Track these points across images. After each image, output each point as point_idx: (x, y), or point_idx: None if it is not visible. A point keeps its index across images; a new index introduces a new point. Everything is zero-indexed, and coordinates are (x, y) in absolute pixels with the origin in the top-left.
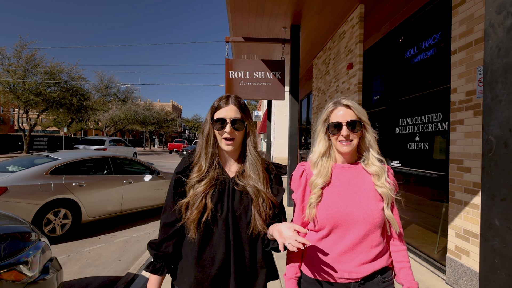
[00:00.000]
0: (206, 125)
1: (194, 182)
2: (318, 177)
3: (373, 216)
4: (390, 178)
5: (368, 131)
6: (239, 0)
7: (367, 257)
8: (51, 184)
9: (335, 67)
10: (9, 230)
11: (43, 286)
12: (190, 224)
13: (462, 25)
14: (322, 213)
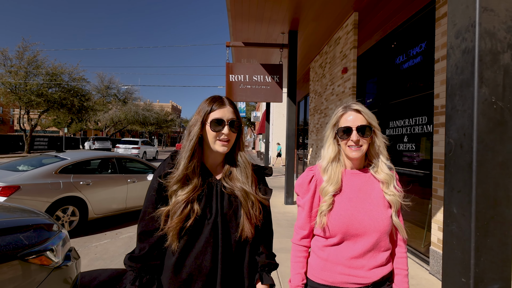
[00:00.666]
0: (195, 127)
1: (175, 187)
2: (329, 184)
3: (383, 224)
4: (398, 185)
5: (378, 136)
6: (239, 8)
7: (376, 262)
8: (60, 183)
9: (331, 70)
10: (35, 222)
11: (66, 271)
12: (170, 232)
13: (444, 36)
14: (333, 222)
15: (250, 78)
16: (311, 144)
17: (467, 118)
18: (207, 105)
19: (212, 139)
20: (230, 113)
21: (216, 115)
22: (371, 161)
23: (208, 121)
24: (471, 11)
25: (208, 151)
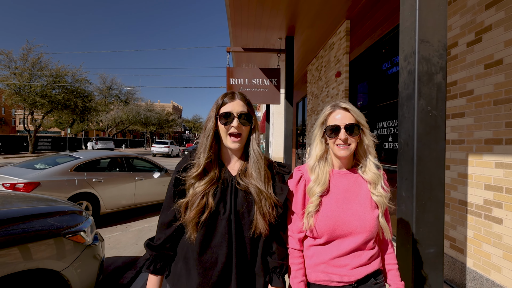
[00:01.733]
0: (209, 122)
1: (193, 181)
2: (316, 184)
3: (369, 225)
4: (385, 184)
5: (366, 135)
6: (239, 16)
7: (361, 261)
8: (75, 180)
9: (326, 74)
10: (70, 209)
11: (95, 249)
12: (189, 223)
13: None
14: (320, 223)
15: (250, 82)
16: (308, 144)
17: (410, 123)
18: (219, 99)
19: (224, 134)
20: (239, 106)
21: (225, 108)
22: (359, 161)
23: (219, 115)
24: (413, 42)
25: (223, 146)
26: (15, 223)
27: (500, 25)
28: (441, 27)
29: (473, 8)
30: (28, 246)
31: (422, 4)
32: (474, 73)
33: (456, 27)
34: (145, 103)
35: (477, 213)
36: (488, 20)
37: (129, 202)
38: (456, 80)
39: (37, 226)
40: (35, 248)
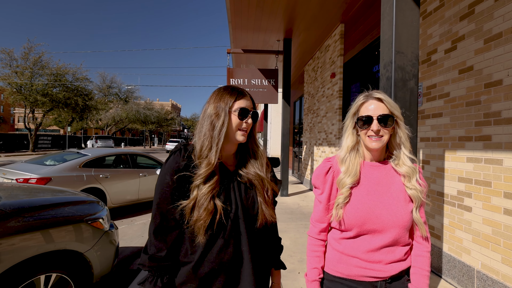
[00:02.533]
0: (221, 116)
1: (200, 180)
2: (347, 175)
3: (402, 219)
4: (421, 179)
5: (401, 127)
6: (239, 20)
7: (395, 256)
8: (83, 176)
9: (322, 74)
10: (90, 199)
11: (112, 235)
12: (200, 227)
13: None
14: (349, 215)
15: (249, 82)
16: (305, 141)
17: None
18: (229, 93)
19: (235, 128)
20: (251, 104)
21: (242, 104)
22: (391, 153)
23: (234, 109)
24: (390, 52)
25: (225, 142)
26: (45, 209)
27: (472, 35)
28: (413, 40)
29: (450, 19)
30: (57, 230)
31: (398, 20)
32: (450, 78)
33: (436, 35)
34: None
35: (452, 202)
36: (462, 31)
37: (134, 197)
38: (436, 83)
39: (64, 213)
40: (63, 232)
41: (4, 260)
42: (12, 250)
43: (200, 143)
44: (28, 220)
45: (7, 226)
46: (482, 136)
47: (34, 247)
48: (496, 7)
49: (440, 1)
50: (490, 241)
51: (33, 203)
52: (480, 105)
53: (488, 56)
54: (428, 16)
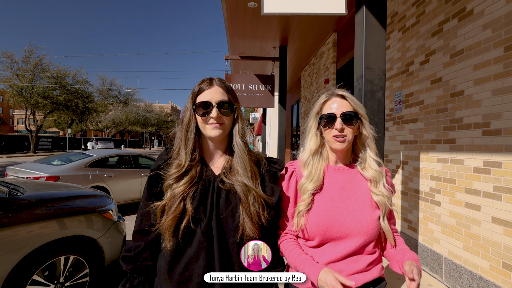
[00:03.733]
0: (186, 113)
1: (172, 180)
2: (309, 180)
3: (368, 226)
4: (388, 183)
5: (365, 126)
6: (236, 28)
7: (358, 266)
8: (89, 175)
9: (317, 80)
10: (100, 193)
11: (120, 225)
12: (165, 231)
13: (388, 63)
14: (312, 223)
15: (246, 87)
16: (302, 144)
17: None
18: (196, 87)
19: (202, 124)
20: (219, 94)
21: (202, 97)
22: (357, 156)
23: (195, 105)
24: (361, 68)
25: (204, 141)
26: (64, 201)
27: (441, 50)
28: (381, 58)
29: (424, 34)
30: (74, 218)
31: (367, 41)
32: (424, 87)
33: (413, 48)
34: (144, 104)
35: (425, 198)
36: (433, 45)
37: (136, 195)
38: (413, 92)
39: (79, 204)
40: (78, 220)
41: (32, 242)
42: (37, 234)
43: (175, 145)
44: (50, 209)
45: (33, 213)
46: (448, 139)
47: (55, 232)
48: (459, 26)
49: (416, 18)
50: (455, 231)
51: (53, 195)
52: (447, 112)
53: (453, 69)
54: (406, 31)
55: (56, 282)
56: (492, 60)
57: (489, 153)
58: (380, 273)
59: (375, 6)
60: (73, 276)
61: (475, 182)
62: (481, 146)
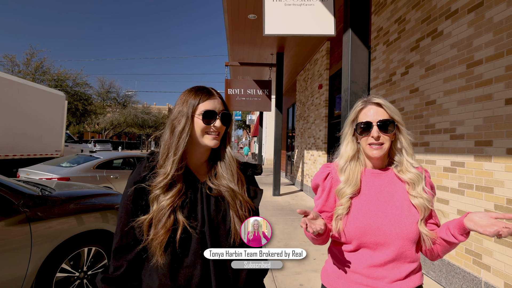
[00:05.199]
0: (181, 119)
1: (159, 191)
2: (347, 185)
3: (407, 231)
4: (427, 185)
5: (402, 132)
6: (236, 36)
7: (400, 274)
8: (97, 176)
9: (311, 85)
10: (114, 192)
11: None
12: (156, 247)
13: (374, 73)
14: (349, 226)
15: (245, 92)
16: (297, 146)
17: None
18: (193, 95)
19: (200, 132)
20: (220, 105)
21: (207, 106)
22: (393, 159)
23: (197, 112)
24: (347, 82)
25: (193, 148)
26: (87, 198)
27: (418, 64)
28: (364, 73)
29: (404, 49)
30: (96, 214)
31: (352, 59)
32: (404, 96)
33: (395, 61)
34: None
35: None
36: (412, 59)
37: None
38: (395, 99)
39: (100, 201)
40: (100, 215)
41: (62, 234)
42: (66, 227)
43: (161, 151)
44: (77, 206)
45: (63, 209)
46: (424, 142)
47: (80, 226)
48: (432, 44)
49: (398, 34)
50: None
51: (77, 193)
52: (422, 118)
53: (427, 81)
54: (390, 44)
55: (80, 270)
56: (457, 75)
57: (455, 154)
58: (421, 281)
59: (359, 29)
60: (94, 265)
61: (444, 179)
62: (449, 149)
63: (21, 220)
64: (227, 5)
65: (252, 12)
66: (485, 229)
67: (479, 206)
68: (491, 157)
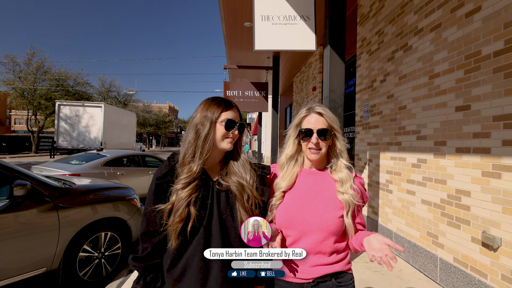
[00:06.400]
0: (206, 125)
1: (181, 185)
2: (282, 180)
3: (327, 223)
4: (356, 185)
5: (339, 139)
6: (234, 42)
7: (320, 260)
8: (105, 173)
9: (306, 87)
10: (125, 186)
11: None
12: (172, 232)
13: (359, 78)
14: (279, 216)
15: (243, 93)
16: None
17: None
18: (216, 104)
19: (221, 137)
20: (238, 116)
21: (229, 115)
22: (330, 161)
23: (220, 120)
24: (327, 90)
25: (210, 150)
26: (102, 190)
27: (393, 73)
28: (341, 83)
29: (383, 59)
30: (110, 204)
31: (331, 71)
32: (383, 101)
33: (375, 69)
34: (142, 104)
35: (383, 188)
36: (388, 68)
37: (144, 191)
38: (375, 103)
39: (113, 193)
40: (114, 205)
41: (83, 220)
42: (86, 214)
43: (184, 151)
44: (94, 197)
45: (83, 200)
46: (397, 142)
47: (98, 214)
48: (404, 56)
49: (378, 45)
50: (400, 212)
51: (94, 186)
52: (396, 121)
53: (400, 89)
54: (372, 54)
55: (98, 251)
56: (422, 84)
57: (420, 152)
58: (344, 267)
59: (336, 46)
60: (110, 248)
61: (412, 174)
62: (415, 148)
63: (50, 208)
64: (224, 15)
65: (248, 20)
66: (369, 252)
67: (437, 196)
68: (445, 155)
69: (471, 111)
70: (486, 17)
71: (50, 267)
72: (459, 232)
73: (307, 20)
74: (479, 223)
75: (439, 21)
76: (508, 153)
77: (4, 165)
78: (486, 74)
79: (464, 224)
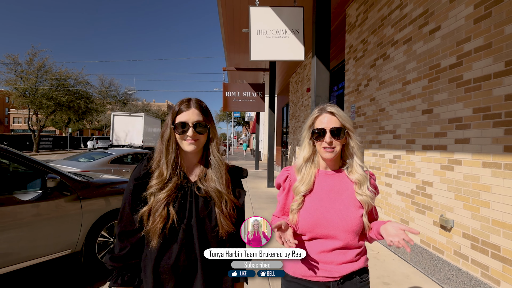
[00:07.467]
0: (167, 130)
1: (155, 189)
2: (301, 184)
3: (351, 223)
4: (371, 185)
5: (352, 138)
6: (232, 45)
7: (345, 258)
8: (111, 170)
9: (301, 88)
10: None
11: None
12: (153, 232)
13: (347, 82)
14: (303, 220)
15: (241, 94)
16: (290, 142)
17: None
18: (176, 107)
19: (180, 139)
20: (195, 115)
21: (180, 118)
22: (345, 162)
23: (175, 123)
24: (314, 95)
25: (182, 152)
26: (115, 184)
27: (375, 78)
28: (326, 89)
29: (366, 65)
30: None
31: (317, 79)
32: (366, 103)
33: (361, 74)
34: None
35: None
36: (371, 74)
37: None
38: (361, 105)
39: (124, 187)
40: None
41: (101, 209)
42: (103, 205)
43: (155, 154)
44: (110, 189)
45: (101, 192)
46: (378, 140)
47: (113, 204)
48: (384, 64)
49: (362, 53)
50: (380, 202)
51: (109, 180)
52: (377, 122)
53: (380, 93)
54: (357, 60)
55: (113, 237)
56: (397, 90)
57: (395, 149)
58: (365, 264)
59: (322, 56)
60: None
61: (389, 168)
62: (392, 145)
63: (75, 198)
64: (223, 21)
65: (245, 27)
66: (387, 238)
67: (408, 187)
68: (414, 151)
69: (433, 114)
70: (444, 35)
71: (75, 249)
72: (424, 217)
73: (296, 33)
74: (438, 209)
75: (410, 35)
76: (459, 150)
77: (37, 161)
78: (444, 83)
79: (428, 210)
